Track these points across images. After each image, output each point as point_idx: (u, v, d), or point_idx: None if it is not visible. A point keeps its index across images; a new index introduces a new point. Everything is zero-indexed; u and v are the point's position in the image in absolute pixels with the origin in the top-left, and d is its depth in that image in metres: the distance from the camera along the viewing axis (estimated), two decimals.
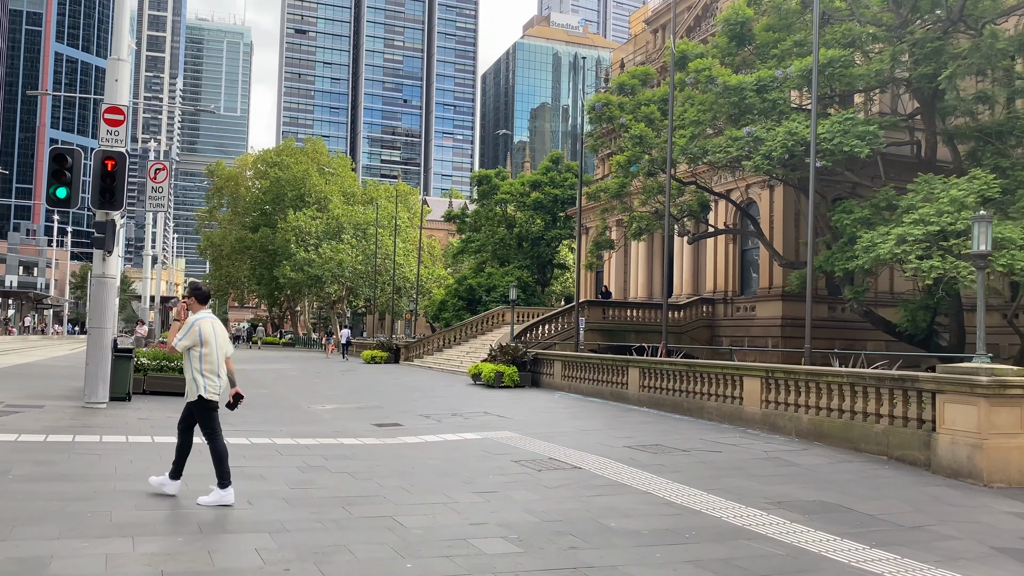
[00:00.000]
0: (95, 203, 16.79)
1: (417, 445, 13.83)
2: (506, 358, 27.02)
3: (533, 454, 12.84)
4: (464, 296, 53.98)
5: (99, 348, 16.99)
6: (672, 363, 19.42)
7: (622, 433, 15.68)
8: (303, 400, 22.00)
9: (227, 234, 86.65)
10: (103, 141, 17.20)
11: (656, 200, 30.56)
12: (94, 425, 14.48)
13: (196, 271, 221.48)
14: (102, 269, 17.17)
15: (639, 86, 27.32)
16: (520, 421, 17.57)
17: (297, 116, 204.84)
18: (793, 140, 20.92)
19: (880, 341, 33.69)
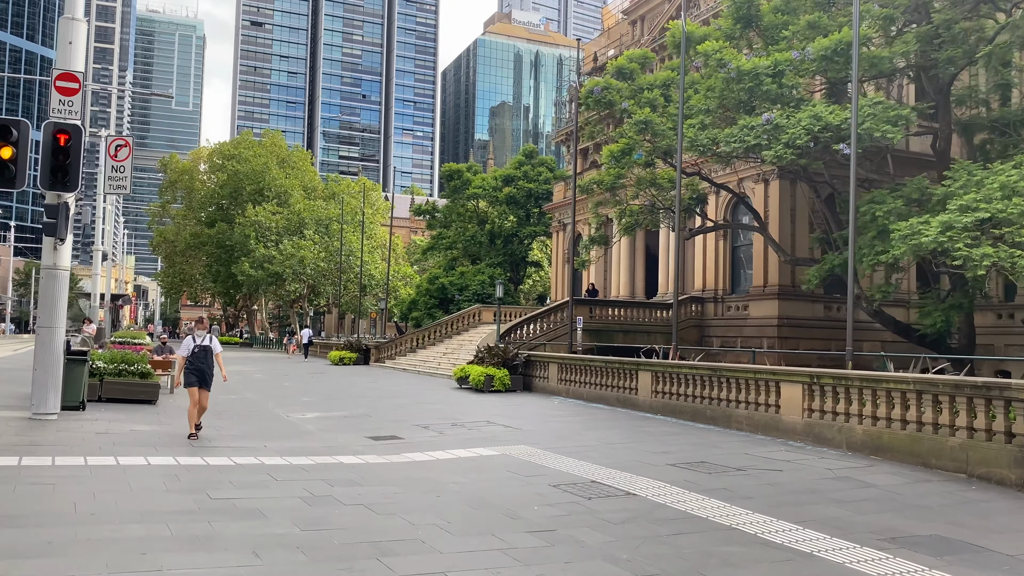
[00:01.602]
0: (45, 183, 14.55)
1: (429, 464, 11.90)
2: (495, 360, 25.13)
3: (569, 476, 11.01)
4: (436, 295, 51.92)
5: (49, 350, 14.74)
6: (693, 367, 17.72)
7: (652, 447, 13.93)
8: (279, 408, 19.88)
9: (181, 230, 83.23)
10: (55, 112, 14.95)
11: (647, 193, 28.94)
12: (44, 442, 12.28)
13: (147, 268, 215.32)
14: (53, 260, 14.91)
15: (638, 70, 25.59)
16: (532, 432, 15.72)
17: (252, 110, 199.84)
18: (819, 126, 19.37)
19: (876, 342, 32.53)
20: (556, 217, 49.96)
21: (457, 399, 22.75)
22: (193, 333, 13.56)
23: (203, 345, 13.41)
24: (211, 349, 13.52)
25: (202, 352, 13.38)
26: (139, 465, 10.65)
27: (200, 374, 13.36)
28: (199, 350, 13.37)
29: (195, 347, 13.33)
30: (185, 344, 13.44)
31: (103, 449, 11.83)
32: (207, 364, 13.46)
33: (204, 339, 13.47)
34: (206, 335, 13.57)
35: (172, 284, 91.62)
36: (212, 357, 13.55)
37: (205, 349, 13.44)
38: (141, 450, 11.94)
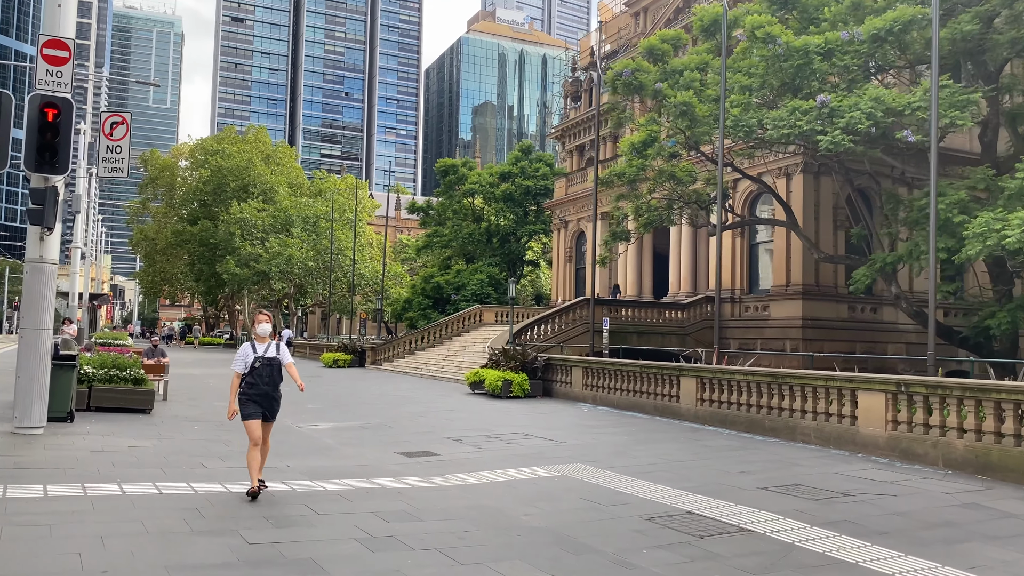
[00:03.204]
0: (30, 164, 12.73)
1: (485, 490, 10.23)
2: (513, 364, 23.46)
3: (656, 504, 9.38)
4: (431, 295, 50.11)
5: (35, 355, 12.91)
6: (748, 373, 16.15)
7: (725, 465, 12.33)
8: (287, 417, 17.99)
9: (162, 227, 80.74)
10: (41, 83, 13.11)
11: (666, 187, 27.38)
12: (31, 464, 10.48)
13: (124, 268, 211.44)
14: (39, 252, 13.07)
15: (671, 52, 23.97)
16: (579, 447, 14.09)
17: (233, 107, 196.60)
18: (880, 110, 17.87)
19: (900, 344, 31.28)
20: (556, 215, 48.35)
21: (477, 407, 21.05)
22: (252, 337, 9.28)
23: (268, 358, 9.04)
24: (279, 362, 9.17)
25: (266, 368, 9.04)
26: (149, 495, 8.89)
27: (265, 400, 9.08)
28: (262, 365, 9.02)
29: (256, 360, 8.98)
30: (241, 355, 9.07)
31: (102, 473, 10.05)
32: (273, 384, 9.12)
33: (269, 349, 9.12)
34: (272, 344, 9.20)
35: (152, 283, 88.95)
36: (280, 374, 9.22)
37: (270, 364, 9.07)
38: (147, 473, 10.18)
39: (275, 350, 9.15)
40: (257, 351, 9.07)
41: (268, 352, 9.09)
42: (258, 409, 8.99)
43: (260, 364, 9.00)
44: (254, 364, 9.01)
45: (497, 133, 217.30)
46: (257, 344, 9.14)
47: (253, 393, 8.99)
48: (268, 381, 9.05)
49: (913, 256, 19.71)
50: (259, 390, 9.00)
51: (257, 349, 9.08)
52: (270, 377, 9.06)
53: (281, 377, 9.20)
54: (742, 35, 21.39)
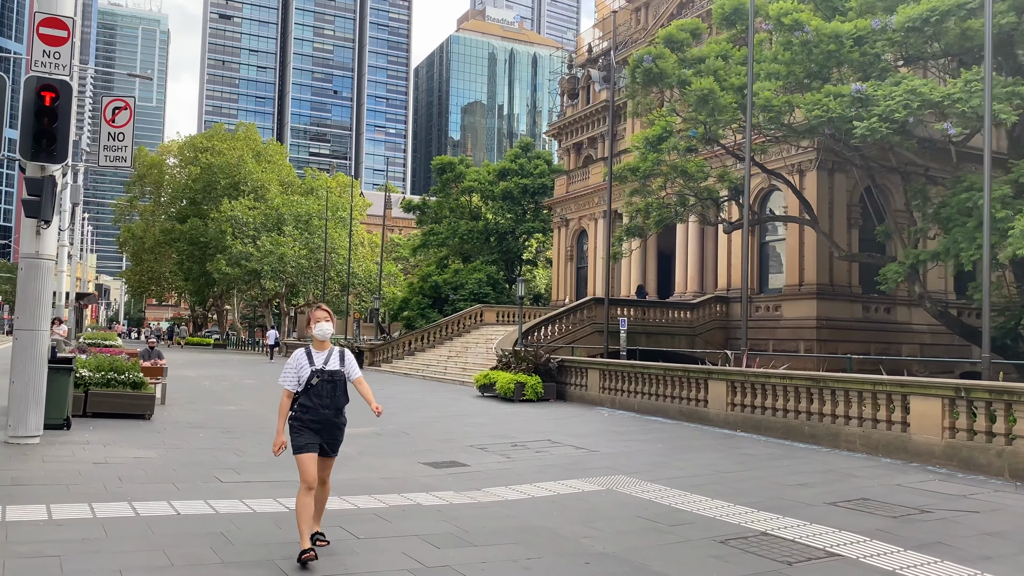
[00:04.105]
0: (26, 152, 11.77)
1: (530, 506, 9.36)
2: (525, 366, 22.60)
3: (724, 524, 8.54)
4: (429, 294, 49.14)
5: (31, 358, 11.94)
6: (786, 376, 15.34)
7: (778, 477, 11.52)
8: None
9: (150, 226, 79.42)
10: (38, 65, 12.14)
11: (678, 183, 26.54)
12: (30, 479, 9.53)
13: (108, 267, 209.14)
14: (36, 246, 12.09)
15: (689, 41, 23.13)
16: (614, 456, 13.24)
17: (221, 105, 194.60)
18: (917, 101, 17.10)
19: (915, 344, 30.61)
20: (557, 213, 47.50)
21: (492, 411, 20.17)
22: (308, 343, 7.01)
23: (329, 371, 6.74)
24: (343, 378, 6.87)
25: (327, 386, 6.71)
26: (166, 517, 7.96)
27: (326, 429, 6.75)
28: (322, 381, 6.70)
29: (314, 374, 6.67)
30: (293, 367, 6.75)
31: (109, 489, 9.11)
32: (336, 408, 6.78)
33: (331, 359, 6.81)
34: (335, 352, 6.90)
35: (139, 283, 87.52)
36: (345, 392, 6.91)
37: (332, 380, 6.75)
38: (158, 490, 9.25)
39: (339, 361, 6.82)
40: (315, 362, 6.67)
41: (330, 363, 6.73)
42: (314, 440, 6.64)
43: (319, 380, 6.63)
44: (311, 380, 6.61)
45: (487, 133, 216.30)
46: (315, 352, 6.74)
47: (309, 419, 6.62)
48: (329, 403, 6.68)
49: (950, 254, 18.97)
50: (317, 415, 6.61)
51: (315, 359, 6.69)
52: (332, 398, 6.69)
53: (347, 398, 6.86)
54: (766, 25, 20.61)
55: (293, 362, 6.78)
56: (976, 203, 17.93)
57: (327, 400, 6.71)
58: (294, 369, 6.75)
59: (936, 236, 23.12)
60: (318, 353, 6.81)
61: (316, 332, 6.87)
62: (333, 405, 6.77)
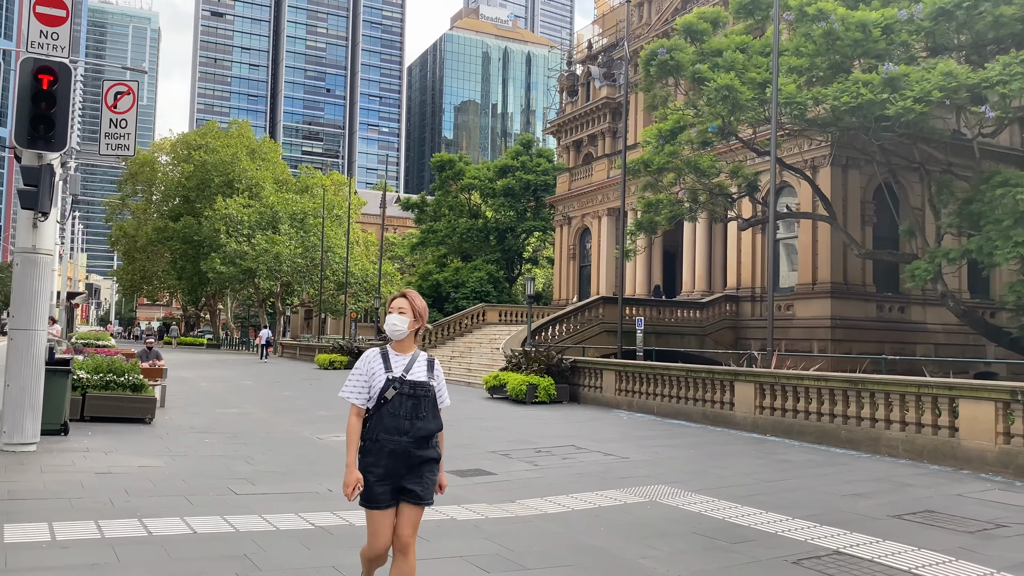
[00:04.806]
0: (22, 139, 11.00)
1: (572, 520, 8.66)
2: (537, 367, 21.87)
3: (791, 541, 7.84)
4: (430, 293, 48.33)
5: (27, 360, 11.15)
6: (820, 378, 14.65)
7: (828, 485, 10.84)
8: (301, 427, 16.40)
9: (142, 224, 78.33)
10: (34, 46, 11.37)
11: (689, 179, 25.86)
12: (28, 493, 8.75)
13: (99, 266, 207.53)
14: (32, 240, 11.31)
15: (710, 31, 22.43)
16: (646, 463, 12.54)
17: (212, 103, 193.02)
18: (953, 83, 16.44)
19: (929, 344, 30.01)
20: (559, 211, 46.78)
21: (505, 414, 19.44)
22: (385, 343, 5.02)
23: (413, 383, 4.78)
24: (432, 392, 4.87)
25: (408, 402, 4.74)
26: (182, 537, 7.20)
27: (403, 463, 4.72)
28: (401, 395, 4.74)
29: (391, 385, 4.75)
30: (362, 373, 4.85)
31: (116, 504, 8.34)
32: (420, 436, 4.75)
33: (415, 366, 4.85)
34: (420, 358, 4.93)
35: (131, 282, 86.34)
36: (435, 414, 4.88)
37: (415, 396, 4.77)
38: (170, 504, 8.48)
39: (425, 369, 4.83)
40: (393, 367, 4.76)
41: (413, 372, 4.77)
42: (388, 484, 4.66)
43: (397, 394, 4.68)
44: (384, 393, 4.69)
45: (481, 132, 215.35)
46: (393, 355, 4.83)
47: (384, 450, 4.64)
48: (409, 427, 4.67)
49: (983, 252, 18.32)
50: (394, 444, 4.63)
51: (392, 365, 4.78)
52: (413, 419, 4.68)
53: (437, 423, 4.84)
54: (787, 15, 19.93)
55: (363, 365, 4.82)
56: (1015, 198, 17.27)
57: (405, 423, 4.64)
58: (363, 376, 4.77)
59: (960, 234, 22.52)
60: (398, 356, 4.80)
61: (387, 328, 4.82)
62: (414, 430, 4.65)
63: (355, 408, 4.81)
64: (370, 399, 4.77)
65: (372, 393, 4.76)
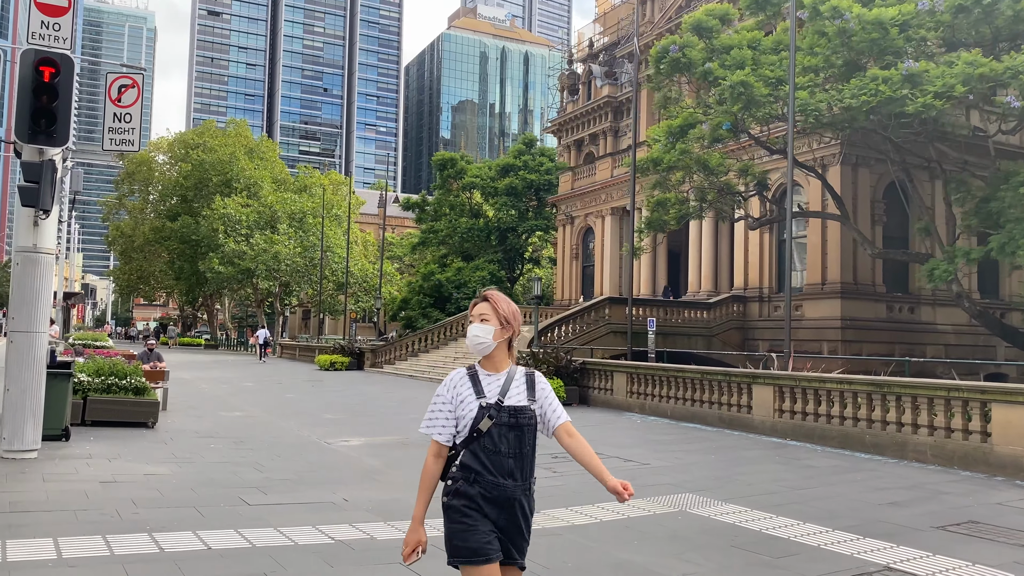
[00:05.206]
0: (22, 134, 10.58)
1: (602, 533, 8.29)
2: (545, 369, 21.42)
3: (837, 556, 7.46)
4: (431, 293, 47.89)
5: (27, 364, 10.73)
6: (844, 381, 14.27)
7: (861, 494, 10.46)
8: (307, 430, 15.98)
9: (139, 224, 77.81)
10: (35, 37, 10.94)
11: (698, 177, 25.48)
12: (32, 504, 8.32)
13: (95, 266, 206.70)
14: (33, 239, 10.88)
15: (719, 28, 22.05)
16: (668, 469, 12.14)
17: (209, 103, 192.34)
18: (978, 71, 16.05)
19: (939, 346, 29.66)
20: (562, 210, 46.38)
21: None
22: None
23: (512, 408, 3.66)
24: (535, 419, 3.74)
25: (509, 435, 3.65)
26: (196, 552, 6.79)
27: (506, 511, 3.65)
28: (500, 427, 3.64)
29: (487, 411, 3.64)
30: (447, 397, 3.75)
31: (124, 517, 7.91)
32: (521, 474, 3.68)
33: (511, 388, 3.72)
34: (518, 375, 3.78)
35: (128, 282, 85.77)
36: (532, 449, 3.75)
37: (516, 424, 3.67)
38: (180, 516, 8.05)
39: (524, 390, 3.76)
40: (485, 392, 3.71)
41: (511, 396, 3.71)
42: (490, 533, 3.64)
43: (495, 424, 3.65)
44: (478, 425, 3.66)
45: (478, 132, 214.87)
46: (484, 375, 3.78)
47: (481, 493, 3.63)
48: (515, 467, 3.66)
49: (1006, 251, 17.96)
50: (498, 490, 3.62)
51: (484, 387, 3.72)
52: (518, 457, 3.68)
53: (532, 456, 3.76)
54: (801, 12, 19.56)
55: (447, 391, 3.76)
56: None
57: (509, 462, 3.62)
58: (448, 404, 3.72)
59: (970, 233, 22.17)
60: (490, 376, 3.74)
61: (469, 343, 3.83)
62: (519, 470, 3.64)
63: (435, 445, 3.72)
64: (458, 431, 3.69)
65: (461, 426, 3.68)
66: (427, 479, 3.78)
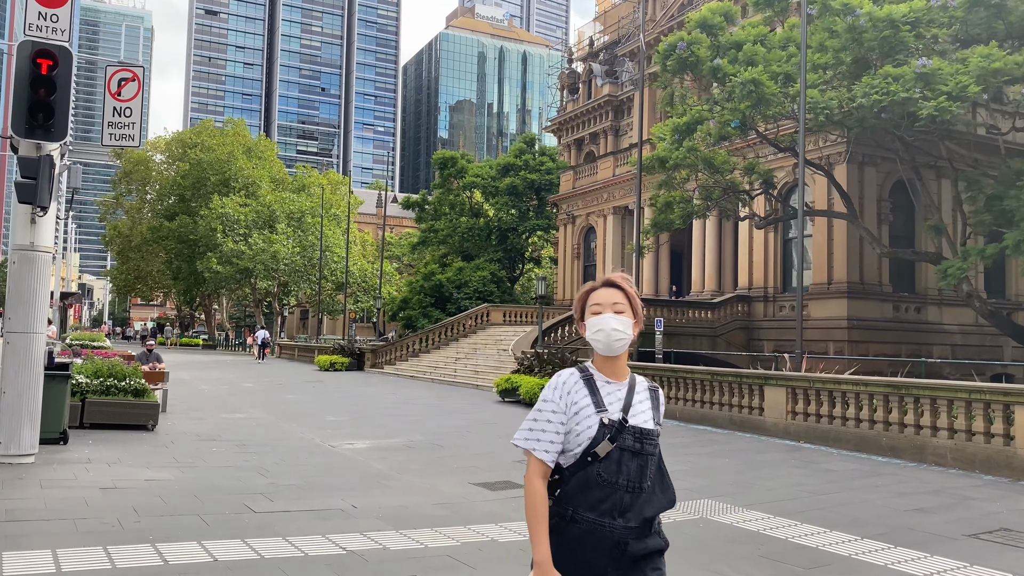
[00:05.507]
0: (20, 128, 10.25)
1: None
2: (551, 369, 21.15)
3: (871, 567, 7.16)
4: (431, 293, 47.55)
5: (25, 365, 10.40)
6: (860, 382, 13.97)
7: (885, 499, 10.16)
8: (312, 433, 15.65)
9: (137, 223, 77.37)
10: (33, 29, 10.60)
11: (703, 175, 25.17)
12: (29, 512, 7.99)
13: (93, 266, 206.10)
14: (30, 237, 10.55)
15: (723, 25, 21.74)
16: (684, 474, 11.82)
17: (207, 102, 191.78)
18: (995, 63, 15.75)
19: (946, 346, 29.38)
20: (563, 209, 46.06)
21: (522, 418, 18.63)
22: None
23: (638, 431, 2.79)
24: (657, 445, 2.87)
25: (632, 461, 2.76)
26: (202, 565, 6.46)
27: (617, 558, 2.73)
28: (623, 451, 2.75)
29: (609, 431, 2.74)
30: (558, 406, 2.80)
31: (125, 526, 7.58)
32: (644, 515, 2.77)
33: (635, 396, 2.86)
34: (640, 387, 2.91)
35: (126, 282, 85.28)
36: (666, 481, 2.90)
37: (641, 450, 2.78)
38: (184, 525, 7.73)
39: (649, 405, 2.90)
40: (606, 404, 2.81)
41: (636, 414, 2.84)
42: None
43: (616, 448, 2.77)
44: (594, 447, 2.77)
45: (476, 131, 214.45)
46: (601, 382, 2.86)
47: (586, 539, 2.75)
48: (631, 504, 2.76)
49: (1022, 248, 17.68)
50: (605, 532, 2.73)
51: (605, 399, 2.83)
52: (637, 490, 2.78)
53: (669, 496, 2.90)
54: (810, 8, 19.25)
55: (559, 397, 2.84)
56: None
57: (626, 497, 2.76)
58: (561, 414, 2.82)
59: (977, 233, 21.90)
60: (610, 385, 2.87)
61: (600, 338, 2.85)
62: (637, 508, 2.76)
63: (538, 465, 2.80)
64: (568, 451, 2.80)
65: (571, 445, 2.79)
66: (539, 507, 2.76)
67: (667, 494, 2.90)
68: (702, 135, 22.33)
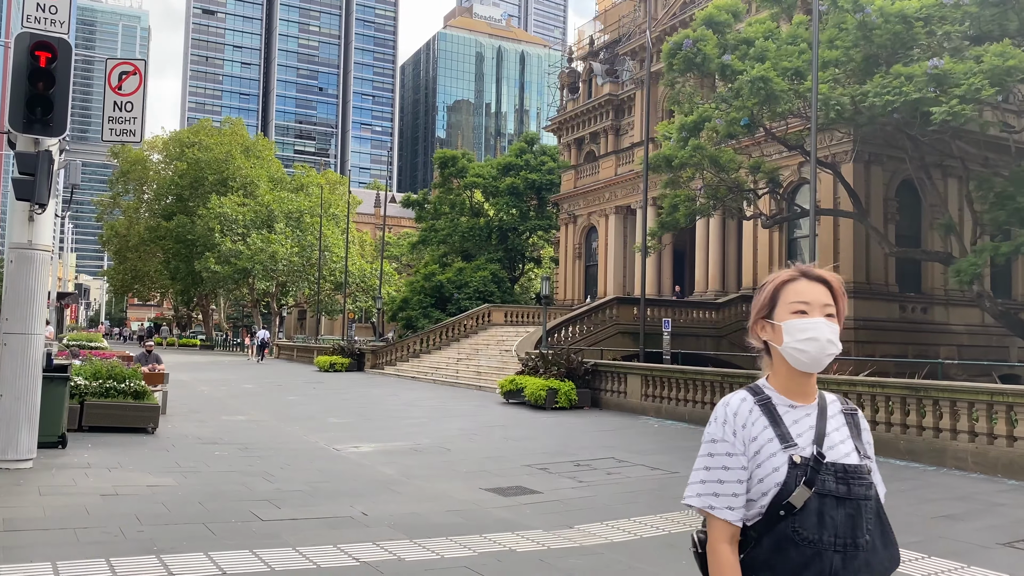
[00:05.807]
0: (17, 123, 9.95)
1: (648, 554, 7.69)
2: (556, 371, 20.85)
3: None
4: (431, 293, 47.22)
5: (22, 367, 10.08)
6: (876, 384, 13.68)
7: (908, 505, 9.89)
8: (315, 436, 15.34)
9: (134, 223, 76.92)
10: (31, 21, 10.29)
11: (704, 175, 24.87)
12: (27, 521, 7.67)
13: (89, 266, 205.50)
14: (28, 235, 10.23)
15: (731, 22, 21.43)
16: None
17: (204, 102, 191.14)
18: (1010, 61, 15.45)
19: (952, 347, 29.14)
20: (564, 209, 45.77)
21: (528, 421, 18.40)
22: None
23: (844, 466, 2.10)
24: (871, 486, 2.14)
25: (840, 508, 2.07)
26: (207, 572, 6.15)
27: None
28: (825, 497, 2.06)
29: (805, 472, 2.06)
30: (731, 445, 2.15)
31: (128, 535, 7.27)
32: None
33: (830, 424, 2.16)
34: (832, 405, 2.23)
35: (123, 282, 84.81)
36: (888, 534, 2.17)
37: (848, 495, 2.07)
38: (189, 533, 7.42)
39: (847, 433, 2.20)
40: (794, 438, 2.14)
41: (834, 445, 2.15)
42: None
43: (815, 495, 2.08)
44: (785, 496, 2.09)
45: (474, 131, 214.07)
46: (783, 408, 2.19)
47: None
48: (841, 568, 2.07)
49: None
50: None
51: (790, 427, 2.16)
52: (850, 547, 2.08)
53: (892, 554, 2.18)
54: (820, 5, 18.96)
55: (731, 433, 2.19)
56: None
57: (836, 559, 2.07)
58: (737, 457, 2.17)
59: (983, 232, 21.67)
60: (795, 410, 2.20)
61: (801, 348, 2.17)
62: (855, 572, 2.08)
63: (723, 528, 2.17)
64: (755, 503, 2.15)
65: (755, 495, 2.15)
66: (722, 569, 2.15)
67: (890, 550, 2.18)
68: (708, 133, 22.05)
